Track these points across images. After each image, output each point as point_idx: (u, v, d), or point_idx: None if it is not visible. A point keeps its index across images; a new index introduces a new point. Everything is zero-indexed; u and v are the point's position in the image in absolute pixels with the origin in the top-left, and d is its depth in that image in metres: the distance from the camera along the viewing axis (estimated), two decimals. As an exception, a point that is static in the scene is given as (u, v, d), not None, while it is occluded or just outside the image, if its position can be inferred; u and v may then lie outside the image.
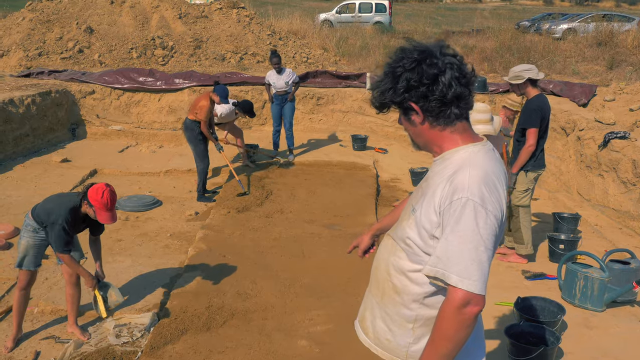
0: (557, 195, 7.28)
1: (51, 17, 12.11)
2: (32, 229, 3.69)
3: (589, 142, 6.80)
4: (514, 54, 11.58)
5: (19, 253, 3.75)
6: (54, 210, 3.57)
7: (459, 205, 1.58)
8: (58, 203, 3.63)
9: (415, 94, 1.68)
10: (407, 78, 1.67)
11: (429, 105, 1.68)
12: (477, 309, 1.58)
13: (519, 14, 27.76)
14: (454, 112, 1.70)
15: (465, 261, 1.56)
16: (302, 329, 4.06)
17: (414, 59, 1.67)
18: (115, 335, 3.94)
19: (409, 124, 1.77)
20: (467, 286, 1.55)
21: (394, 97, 1.71)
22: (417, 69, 1.66)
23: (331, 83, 10.19)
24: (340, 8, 22.34)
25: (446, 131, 1.72)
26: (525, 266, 5.08)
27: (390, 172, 8.12)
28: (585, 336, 3.91)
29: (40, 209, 3.69)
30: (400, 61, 1.69)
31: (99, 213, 3.51)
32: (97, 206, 3.48)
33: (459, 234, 1.57)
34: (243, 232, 5.77)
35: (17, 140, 8.17)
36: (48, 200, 3.75)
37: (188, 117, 6.78)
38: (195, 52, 11.81)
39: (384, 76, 1.73)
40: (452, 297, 1.58)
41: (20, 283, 3.81)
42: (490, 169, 1.66)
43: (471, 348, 1.79)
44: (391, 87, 1.70)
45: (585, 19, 18.08)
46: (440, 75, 1.65)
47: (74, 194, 3.73)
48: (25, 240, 3.70)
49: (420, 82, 1.66)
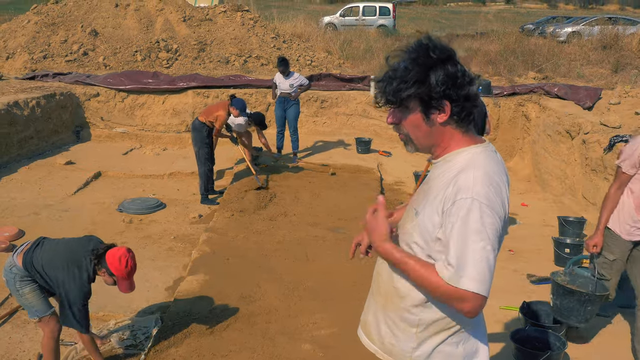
0: (562, 199, 7.25)
1: (56, 20, 12.16)
2: (22, 276, 3.23)
3: (594, 145, 6.76)
4: (518, 57, 11.56)
5: (27, 305, 3.29)
6: (68, 286, 3.15)
7: (464, 206, 1.56)
8: (68, 274, 3.15)
9: (455, 93, 1.61)
10: (448, 74, 1.60)
11: (464, 106, 1.64)
12: (476, 313, 1.57)
13: (523, 17, 27.72)
14: (474, 116, 1.69)
15: (475, 263, 1.54)
16: (306, 332, 4.03)
17: (450, 55, 1.62)
18: (119, 339, 3.93)
19: (424, 122, 1.67)
20: (478, 289, 1.53)
21: (430, 91, 1.61)
22: (453, 66, 1.61)
23: (335, 86, 10.19)
24: (344, 11, 22.36)
25: (460, 133, 1.70)
26: (530, 270, 5.04)
27: (394, 175, 8.10)
28: (592, 341, 3.87)
29: (47, 271, 3.20)
30: (429, 52, 1.61)
31: (121, 283, 3.17)
32: (121, 276, 3.13)
33: (466, 234, 1.55)
34: (247, 234, 5.75)
35: (21, 142, 8.19)
36: (53, 265, 3.20)
37: (199, 118, 6.80)
38: (199, 55, 11.83)
39: (412, 66, 1.62)
40: (461, 293, 1.55)
41: (51, 332, 3.35)
42: (493, 170, 1.64)
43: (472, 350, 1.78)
44: (423, 79, 1.60)
45: (590, 22, 18.05)
46: (472, 75, 1.64)
47: (82, 253, 3.20)
48: (29, 289, 3.24)
49: (464, 81, 1.61)
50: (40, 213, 6.24)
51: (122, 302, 4.31)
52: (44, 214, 6.23)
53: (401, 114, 1.70)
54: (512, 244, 5.61)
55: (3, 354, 3.80)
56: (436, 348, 1.75)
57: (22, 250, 3.30)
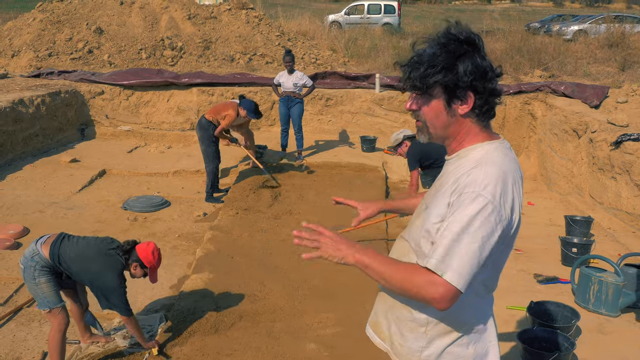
0: (568, 198, 7.19)
1: (61, 17, 12.16)
2: (43, 266, 3.33)
3: (601, 144, 6.71)
4: (524, 55, 11.47)
5: (40, 295, 3.36)
6: (104, 274, 3.34)
7: (468, 199, 1.53)
8: (104, 265, 3.35)
9: (482, 85, 1.59)
10: (477, 65, 1.57)
11: (488, 100, 1.62)
12: (446, 304, 1.52)
13: (529, 16, 27.56)
14: (494, 111, 1.66)
15: (459, 255, 1.50)
16: (311, 331, 4.01)
17: (479, 46, 1.59)
18: (123, 337, 3.92)
19: (445, 111, 1.63)
20: (451, 279, 1.49)
21: (457, 80, 1.57)
22: (481, 58, 1.58)
23: (340, 84, 10.14)
24: (349, 9, 22.29)
25: (479, 128, 1.66)
26: (537, 270, 5.00)
27: (399, 173, 8.05)
28: (601, 342, 3.83)
29: (77, 263, 3.35)
30: (460, 41, 1.58)
31: (152, 273, 3.52)
32: (153, 267, 3.50)
33: (459, 225, 1.51)
34: (251, 233, 5.73)
35: (26, 140, 8.19)
36: (86, 256, 3.37)
37: (205, 116, 6.76)
38: (204, 52, 11.82)
39: (440, 52, 1.58)
40: (434, 278, 1.51)
41: (59, 325, 3.43)
42: (506, 167, 1.60)
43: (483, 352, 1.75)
44: (451, 67, 1.57)
45: (596, 20, 17.92)
46: (497, 70, 1.61)
47: (110, 248, 3.42)
48: (45, 279, 3.33)
49: (493, 75, 1.59)
50: (45, 211, 6.24)
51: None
52: (49, 211, 6.23)
53: (423, 101, 1.67)
54: (519, 243, 5.57)
55: (7, 351, 3.80)
56: (446, 349, 1.72)
57: (45, 242, 3.38)
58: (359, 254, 1.64)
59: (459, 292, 1.51)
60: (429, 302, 1.54)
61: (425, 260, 1.55)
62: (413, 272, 1.56)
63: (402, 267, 1.60)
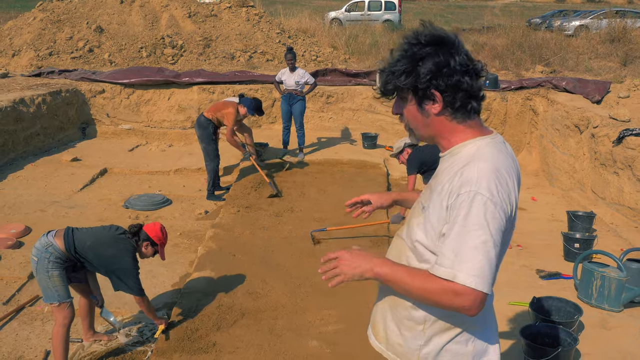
0: (570, 193, 7.18)
1: (62, 17, 12.16)
2: (57, 257, 3.36)
3: (603, 139, 6.68)
4: (525, 51, 11.45)
5: (51, 288, 3.37)
6: (120, 258, 3.48)
7: (467, 199, 1.52)
8: (118, 249, 3.49)
9: (443, 83, 1.58)
10: (437, 64, 1.57)
11: (455, 97, 1.60)
12: (477, 310, 1.50)
13: (530, 11, 27.50)
14: (474, 107, 1.63)
15: (474, 258, 1.48)
16: (313, 328, 4.01)
17: (443, 43, 1.58)
18: (125, 335, 3.92)
19: (419, 113, 1.66)
20: (476, 284, 1.48)
21: (416, 82, 1.60)
22: (446, 55, 1.57)
23: (341, 81, 10.13)
24: (350, 6, 22.25)
25: (461, 125, 1.65)
26: (539, 265, 4.99)
27: (400, 170, 8.02)
28: (603, 337, 3.82)
29: (94, 250, 3.45)
30: (422, 44, 1.59)
31: (161, 250, 3.68)
32: (162, 243, 3.67)
33: (467, 228, 1.50)
34: (253, 230, 5.73)
35: (27, 139, 8.20)
36: (102, 243, 3.49)
37: (204, 114, 6.74)
38: (204, 50, 11.81)
39: (401, 57, 1.61)
40: (457, 287, 1.49)
41: (63, 319, 3.45)
42: (499, 163, 1.58)
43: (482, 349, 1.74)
44: (411, 70, 1.59)
45: (598, 15, 17.85)
46: (469, 65, 1.59)
47: (119, 233, 3.58)
48: (58, 272, 3.37)
49: (454, 71, 1.57)
50: (46, 210, 6.25)
51: (128, 299, 4.29)
52: (51, 210, 6.23)
53: (402, 105, 1.70)
54: (521, 239, 5.56)
55: (10, 350, 3.80)
56: (445, 346, 1.71)
57: (56, 234, 3.43)
58: (378, 268, 1.67)
59: (485, 295, 1.50)
60: (459, 311, 1.53)
61: (440, 270, 1.53)
62: (437, 285, 1.53)
63: (421, 277, 1.58)
